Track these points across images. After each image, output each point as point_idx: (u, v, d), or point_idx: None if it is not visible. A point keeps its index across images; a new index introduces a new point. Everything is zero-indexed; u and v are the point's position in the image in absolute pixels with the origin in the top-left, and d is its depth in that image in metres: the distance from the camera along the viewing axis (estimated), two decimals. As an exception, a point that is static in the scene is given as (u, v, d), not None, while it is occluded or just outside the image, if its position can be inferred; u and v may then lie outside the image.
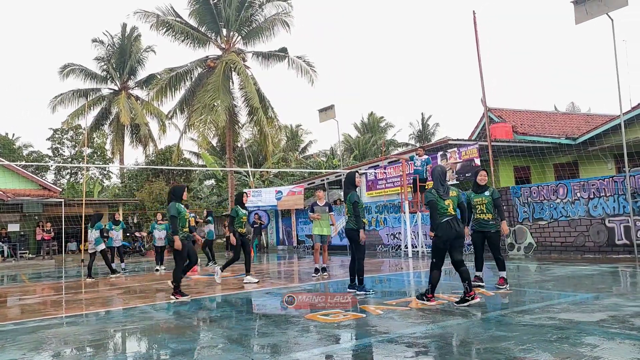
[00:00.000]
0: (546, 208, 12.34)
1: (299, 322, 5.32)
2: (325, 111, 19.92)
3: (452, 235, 5.76)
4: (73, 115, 33.57)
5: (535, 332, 4.30)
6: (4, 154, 33.49)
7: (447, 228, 5.75)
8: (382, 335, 4.48)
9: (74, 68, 33.96)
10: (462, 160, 14.67)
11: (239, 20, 25.44)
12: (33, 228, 23.22)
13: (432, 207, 5.86)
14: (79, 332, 5.32)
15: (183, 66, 26.29)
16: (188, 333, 5.02)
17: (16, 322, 6.19)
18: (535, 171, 16.88)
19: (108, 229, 13.32)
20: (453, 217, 5.83)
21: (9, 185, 22.37)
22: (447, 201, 5.86)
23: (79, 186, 34.02)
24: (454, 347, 4.04)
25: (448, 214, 5.81)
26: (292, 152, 40.54)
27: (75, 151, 39.91)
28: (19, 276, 14.53)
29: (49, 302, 8.31)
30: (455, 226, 5.78)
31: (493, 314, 5.32)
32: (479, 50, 13.94)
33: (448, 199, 5.88)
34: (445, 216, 5.79)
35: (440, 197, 5.86)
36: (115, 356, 4.37)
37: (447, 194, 5.89)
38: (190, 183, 31.24)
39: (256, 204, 23.19)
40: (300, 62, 26.04)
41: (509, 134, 17.78)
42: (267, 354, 4.05)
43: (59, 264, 19.87)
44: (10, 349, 4.62)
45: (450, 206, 5.87)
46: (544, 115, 20.91)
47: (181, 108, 26.49)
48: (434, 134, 46.63)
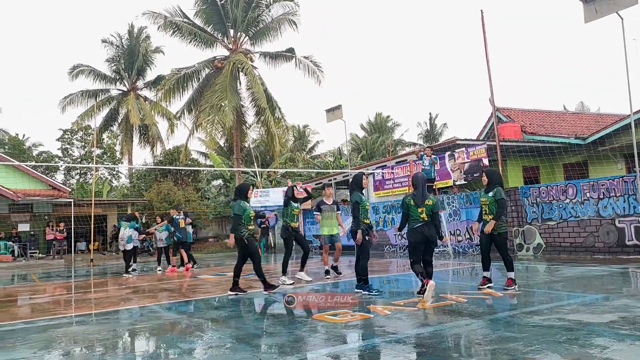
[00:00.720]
0: (555, 208, 12.25)
1: (306, 322, 5.33)
2: (332, 111, 19.92)
3: (420, 239, 6.35)
4: (83, 115, 33.87)
5: (545, 333, 4.27)
6: (14, 154, 33.81)
7: (416, 233, 6.35)
8: (390, 335, 4.48)
9: (83, 69, 34.25)
10: (470, 160, 14.60)
11: (246, 21, 25.50)
12: (43, 228, 23.44)
13: (403, 214, 6.54)
14: (88, 332, 5.36)
15: (191, 67, 26.40)
16: (196, 333, 5.04)
17: (27, 321, 6.25)
18: (544, 171, 16.76)
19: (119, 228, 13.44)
20: (424, 223, 6.35)
21: (19, 185, 22.59)
22: (420, 208, 6.35)
23: (89, 186, 34.26)
24: (462, 348, 4.03)
25: (420, 220, 6.35)
26: (299, 152, 40.55)
27: (85, 152, 40.22)
28: (29, 275, 14.67)
29: (59, 302, 8.38)
30: (424, 231, 6.33)
31: (502, 314, 5.29)
32: (487, 50, 13.88)
33: (422, 207, 6.35)
34: (417, 222, 6.35)
35: (415, 204, 6.37)
36: (124, 355, 4.40)
37: (422, 202, 6.35)
38: (197, 183, 31.36)
39: (264, 204, 23.24)
40: (307, 62, 26.06)
41: (518, 134, 17.67)
42: (275, 354, 4.06)
43: (68, 263, 20.03)
44: (21, 348, 4.67)
45: (423, 213, 6.34)
46: (553, 114, 20.76)
47: (189, 108, 26.61)
48: (442, 134, 46.45)
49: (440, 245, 14.81)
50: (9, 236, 22.68)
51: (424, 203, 6.35)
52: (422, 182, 6.51)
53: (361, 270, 7.15)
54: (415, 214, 6.37)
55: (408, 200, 6.47)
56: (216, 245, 25.89)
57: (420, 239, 6.33)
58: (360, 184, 7.32)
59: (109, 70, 35.50)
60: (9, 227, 23.04)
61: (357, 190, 7.24)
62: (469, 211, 14.60)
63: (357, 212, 7.01)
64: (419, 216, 6.34)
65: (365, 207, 7.22)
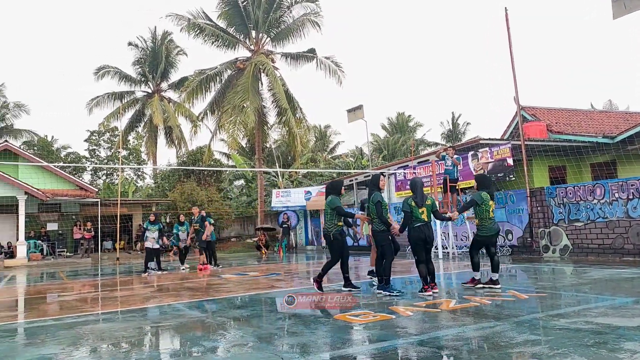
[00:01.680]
0: (582, 209, 11.98)
1: (327, 322, 5.33)
2: (353, 111, 19.91)
3: (421, 238, 6.83)
4: (109, 117, 34.59)
5: (572, 336, 4.18)
6: (43, 155, 34.74)
7: (417, 232, 6.82)
8: (412, 337, 4.44)
9: (109, 70, 34.97)
10: (494, 160, 14.38)
11: (268, 22, 25.65)
12: (70, 227, 24.02)
13: (406, 216, 6.93)
14: (114, 329, 5.46)
15: (213, 68, 26.69)
16: (219, 331, 5.09)
17: (55, 318, 6.41)
18: (571, 171, 16.39)
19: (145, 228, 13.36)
20: (425, 223, 6.87)
21: (47, 185, 23.19)
22: (421, 209, 6.84)
23: (115, 186, 34.98)
24: (486, 350, 3.97)
25: (421, 220, 6.84)
26: (320, 152, 40.60)
27: (111, 153, 41.08)
28: (58, 274, 15.04)
29: (86, 299, 8.58)
30: (424, 231, 6.84)
31: (527, 317, 5.19)
32: (511, 47, 13.66)
33: (423, 207, 6.86)
34: (418, 222, 6.82)
35: (416, 205, 6.84)
36: (150, 352, 4.48)
37: (422, 203, 6.85)
38: (220, 183, 31.67)
39: (285, 204, 23.35)
40: (329, 62, 26.06)
41: (544, 133, 17.33)
42: (297, 354, 4.07)
43: (95, 262, 20.47)
44: (50, 344, 4.79)
45: (424, 213, 6.87)
46: (580, 113, 20.29)
47: (212, 109, 26.91)
48: (465, 134, 45.89)
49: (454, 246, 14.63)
50: (38, 235, 23.31)
51: (424, 204, 6.88)
52: (420, 186, 7.04)
53: (384, 270, 7.13)
54: (416, 215, 6.85)
55: (410, 201, 6.92)
56: (238, 245, 26.11)
57: (420, 238, 6.82)
58: (378, 184, 7.36)
59: (134, 72, 36.20)
60: (38, 226, 23.68)
61: (375, 190, 7.28)
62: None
63: (381, 212, 7.04)
64: (420, 216, 6.84)
65: (385, 206, 7.26)
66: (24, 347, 4.79)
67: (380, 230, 7.12)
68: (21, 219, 21.12)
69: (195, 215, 13.67)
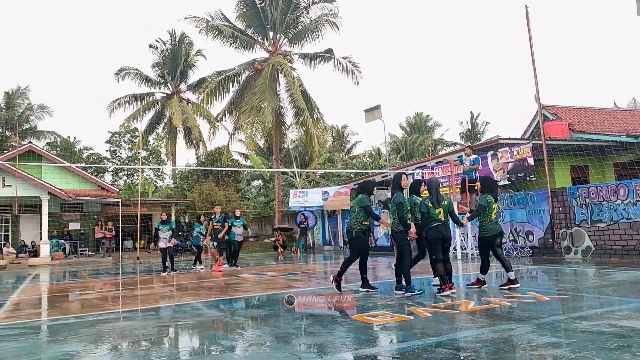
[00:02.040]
0: (605, 209, 11.73)
1: (345, 323, 5.32)
2: (371, 111, 19.85)
3: (439, 238, 6.96)
4: (129, 118, 35.14)
5: (594, 339, 4.09)
6: (66, 156, 35.44)
7: (436, 232, 6.95)
8: (430, 338, 4.40)
9: (130, 72, 35.53)
10: (514, 160, 14.19)
11: (285, 23, 25.74)
12: (92, 227, 24.45)
13: (424, 216, 7.08)
14: (134, 327, 5.54)
15: (231, 69, 26.88)
16: (237, 330, 5.13)
17: (77, 316, 6.53)
18: (593, 171, 16.07)
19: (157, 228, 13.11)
20: (442, 223, 7.01)
21: (70, 186, 23.65)
22: (438, 209, 6.98)
23: (135, 187, 35.50)
24: (506, 353, 3.91)
25: (438, 220, 6.97)
26: (338, 152, 40.56)
27: (132, 153, 41.72)
28: (80, 272, 15.33)
29: (107, 298, 8.72)
30: (442, 230, 6.97)
31: (548, 319, 5.10)
32: (532, 45, 13.46)
33: (439, 208, 7.00)
34: (435, 222, 6.96)
35: (432, 206, 6.99)
36: (169, 350, 4.53)
37: (439, 203, 7.00)
38: (238, 184, 31.88)
39: (303, 205, 23.38)
40: (346, 62, 26.03)
41: (565, 132, 17.03)
42: (314, 354, 4.07)
43: (116, 261, 20.80)
44: (72, 341, 4.88)
45: (441, 213, 7.02)
46: (603, 112, 19.88)
47: (230, 110, 27.11)
48: (484, 133, 45.34)
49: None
50: (61, 234, 23.78)
51: (441, 204, 7.04)
52: (436, 186, 7.20)
53: (403, 271, 7.08)
54: (434, 215, 6.99)
55: (426, 202, 7.09)
56: (255, 245, 26.25)
57: (439, 237, 6.95)
58: (400, 184, 7.28)
59: (154, 74, 36.72)
60: (61, 225, 24.15)
61: (397, 190, 7.20)
62: (512, 212, 14.20)
63: (402, 214, 6.98)
64: (437, 217, 6.98)
65: (407, 208, 7.20)
66: (47, 344, 4.89)
67: (399, 231, 7.08)
68: (44, 218, 21.58)
69: (217, 215, 13.55)
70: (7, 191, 20.67)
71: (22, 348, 4.70)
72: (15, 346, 4.78)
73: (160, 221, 12.88)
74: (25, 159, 22.58)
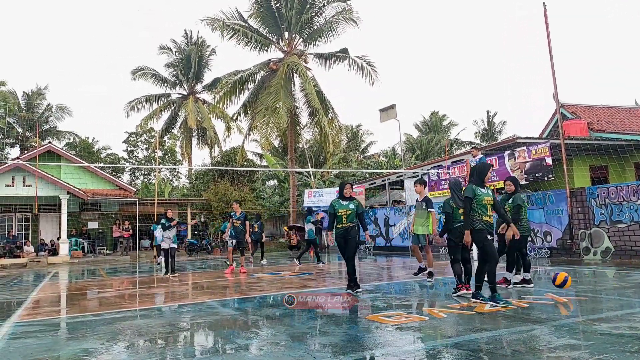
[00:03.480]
0: (626, 210, 11.51)
1: (360, 323, 5.31)
2: (386, 111, 19.70)
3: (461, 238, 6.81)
4: (146, 119, 35.57)
5: (614, 341, 4.02)
6: (84, 156, 36.00)
7: (457, 232, 6.93)
8: (446, 339, 4.37)
9: (146, 72, 35.94)
10: (532, 160, 14.00)
11: (300, 23, 25.77)
12: (110, 226, 24.80)
13: (447, 217, 7.22)
14: (151, 325, 5.60)
15: (247, 70, 27.02)
16: (252, 329, 5.15)
17: (95, 314, 6.63)
18: (613, 170, 15.78)
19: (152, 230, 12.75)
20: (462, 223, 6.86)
21: (88, 185, 24.04)
22: (460, 210, 6.83)
23: (152, 186, 35.90)
24: (523, 354, 3.86)
25: (461, 221, 6.78)
26: (352, 152, 40.49)
27: (149, 153, 42.21)
28: (98, 271, 15.55)
29: (124, 296, 8.83)
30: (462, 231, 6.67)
31: (566, 321, 5.02)
32: (550, 44, 13.27)
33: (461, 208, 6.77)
34: (458, 222, 6.95)
35: (456, 206, 7.02)
36: (185, 348, 4.57)
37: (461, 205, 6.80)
38: (253, 183, 32.04)
39: (317, 204, 23.38)
40: (361, 62, 25.97)
41: (584, 131, 16.76)
42: (329, 353, 4.07)
43: (133, 259, 21.05)
44: (90, 339, 4.96)
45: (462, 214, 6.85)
46: (623, 110, 19.50)
47: (245, 110, 27.25)
48: (501, 133, 44.84)
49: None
50: (79, 233, 24.17)
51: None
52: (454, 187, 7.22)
53: (489, 276, 6.19)
54: (456, 216, 7.04)
55: (450, 202, 7.19)
56: (270, 244, 26.36)
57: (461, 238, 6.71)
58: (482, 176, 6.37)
59: (168, 75, 37.09)
60: (80, 224, 24.55)
61: (473, 182, 6.39)
62: (530, 213, 14.00)
63: (468, 209, 6.21)
64: (460, 217, 6.87)
65: (482, 203, 6.22)
66: (66, 342, 4.97)
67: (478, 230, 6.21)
68: (63, 217, 21.97)
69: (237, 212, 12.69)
70: (27, 190, 21.09)
71: (42, 344, 4.78)
72: (36, 342, 4.87)
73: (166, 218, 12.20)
74: (45, 159, 23.01)
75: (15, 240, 22.78)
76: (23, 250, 22.15)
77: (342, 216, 7.56)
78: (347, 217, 7.55)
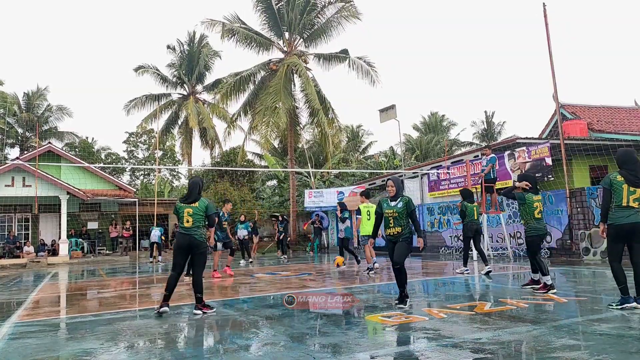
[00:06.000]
0: (625, 210, 11.49)
1: (359, 323, 5.31)
2: (386, 111, 19.76)
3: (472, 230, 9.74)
4: (146, 119, 35.53)
5: (613, 342, 4.02)
6: (84, 157, 35.99)
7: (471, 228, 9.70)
8: (445, 339, 4.37)
9: (149, 69, 35.88)
10: (532, 160, 14.02)
11: (301, 24, 25.78)
12: (108, 226, 24.80)
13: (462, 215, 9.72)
14: (150, 325, 5.60)
15: (247, 70, 27.02)
16: (252, 330, 5.15)
17: (95, 314, 6.63)
18: (613, 171, 15.78)
19: None
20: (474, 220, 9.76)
21: (88, 185, 24.04)
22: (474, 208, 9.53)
23: (151, 186, 35.90)
24: (523, 354, 3.86)
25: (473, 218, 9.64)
26: (352, 152, 40.50)
27: (149, 153, 42.21)
28: (97, 271, 15.54)
29: (124, 296, 8.83)
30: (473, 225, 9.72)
31: (566, 321, 5.02)
32: (550, 44, 13.28)
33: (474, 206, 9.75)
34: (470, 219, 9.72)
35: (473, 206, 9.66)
36: (185, 349, 4.57)
37: None
38: (253, 184, 32.04)
39: (318, 205, 23.41)
40: (361, 62, 25.98)
41: (584, 132, 16.76)
42: (329, 354, 4.07)
43: (132, 260, 21.04)
44: (89, 339, 4.95)
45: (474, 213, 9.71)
46: (623, 111, 19.51)
47: (245, 111, 27.26)
48: (500, 133, 44.86)
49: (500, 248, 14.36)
50: (79, 233, 24.17)
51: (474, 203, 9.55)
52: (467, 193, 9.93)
53: None
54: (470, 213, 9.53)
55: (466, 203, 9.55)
56: (269, 244, 26.36)
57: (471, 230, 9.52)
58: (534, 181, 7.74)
59: (170, 75, 37.08)
60: (79, 225, 24.55)
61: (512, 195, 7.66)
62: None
63: None
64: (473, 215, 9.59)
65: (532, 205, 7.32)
66: (65, 342, 4.97)
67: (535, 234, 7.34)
68: (63, 217, 21.97)
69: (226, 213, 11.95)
70: (27, 191, 21.09)
71: (42, 345, 4.78)
72: (35, 343, 4.87)
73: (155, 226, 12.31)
74: (44, 159, 23.02)
75: (15, 240, 22.78)
76: (23, 251, 22.15)
77: (389, 218, 6.22)
78: (394, 219, 6.17)
